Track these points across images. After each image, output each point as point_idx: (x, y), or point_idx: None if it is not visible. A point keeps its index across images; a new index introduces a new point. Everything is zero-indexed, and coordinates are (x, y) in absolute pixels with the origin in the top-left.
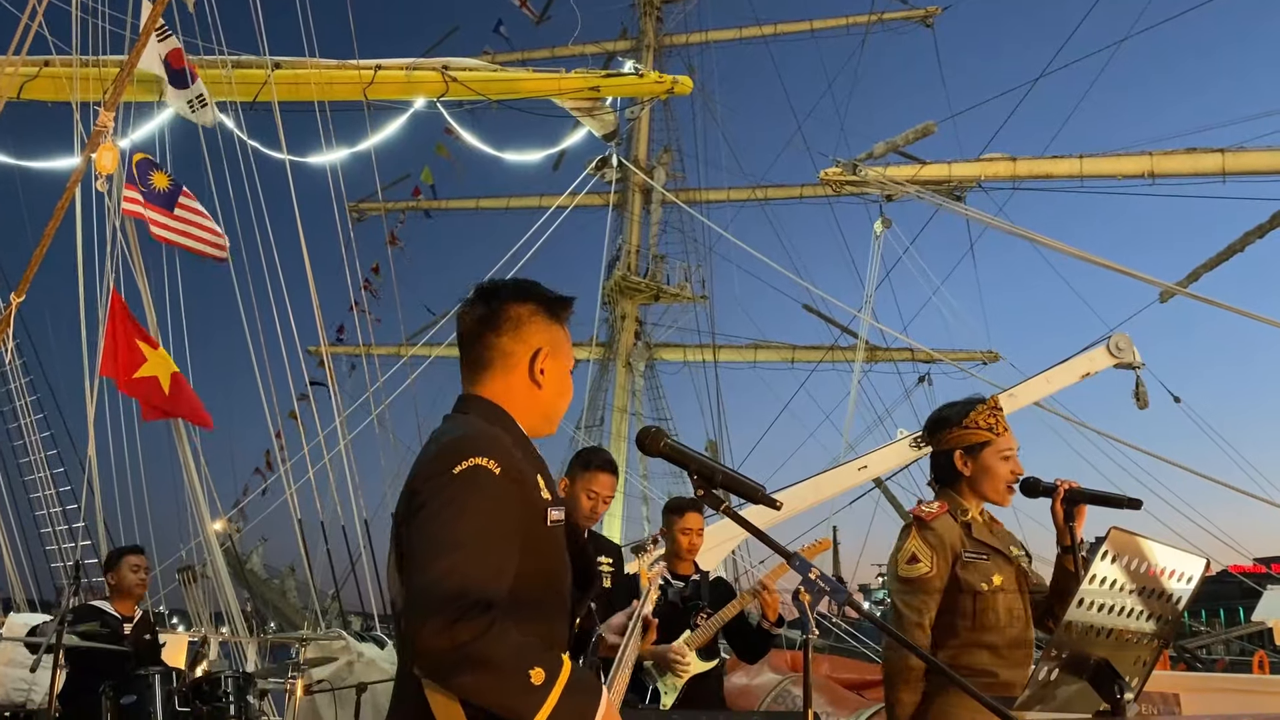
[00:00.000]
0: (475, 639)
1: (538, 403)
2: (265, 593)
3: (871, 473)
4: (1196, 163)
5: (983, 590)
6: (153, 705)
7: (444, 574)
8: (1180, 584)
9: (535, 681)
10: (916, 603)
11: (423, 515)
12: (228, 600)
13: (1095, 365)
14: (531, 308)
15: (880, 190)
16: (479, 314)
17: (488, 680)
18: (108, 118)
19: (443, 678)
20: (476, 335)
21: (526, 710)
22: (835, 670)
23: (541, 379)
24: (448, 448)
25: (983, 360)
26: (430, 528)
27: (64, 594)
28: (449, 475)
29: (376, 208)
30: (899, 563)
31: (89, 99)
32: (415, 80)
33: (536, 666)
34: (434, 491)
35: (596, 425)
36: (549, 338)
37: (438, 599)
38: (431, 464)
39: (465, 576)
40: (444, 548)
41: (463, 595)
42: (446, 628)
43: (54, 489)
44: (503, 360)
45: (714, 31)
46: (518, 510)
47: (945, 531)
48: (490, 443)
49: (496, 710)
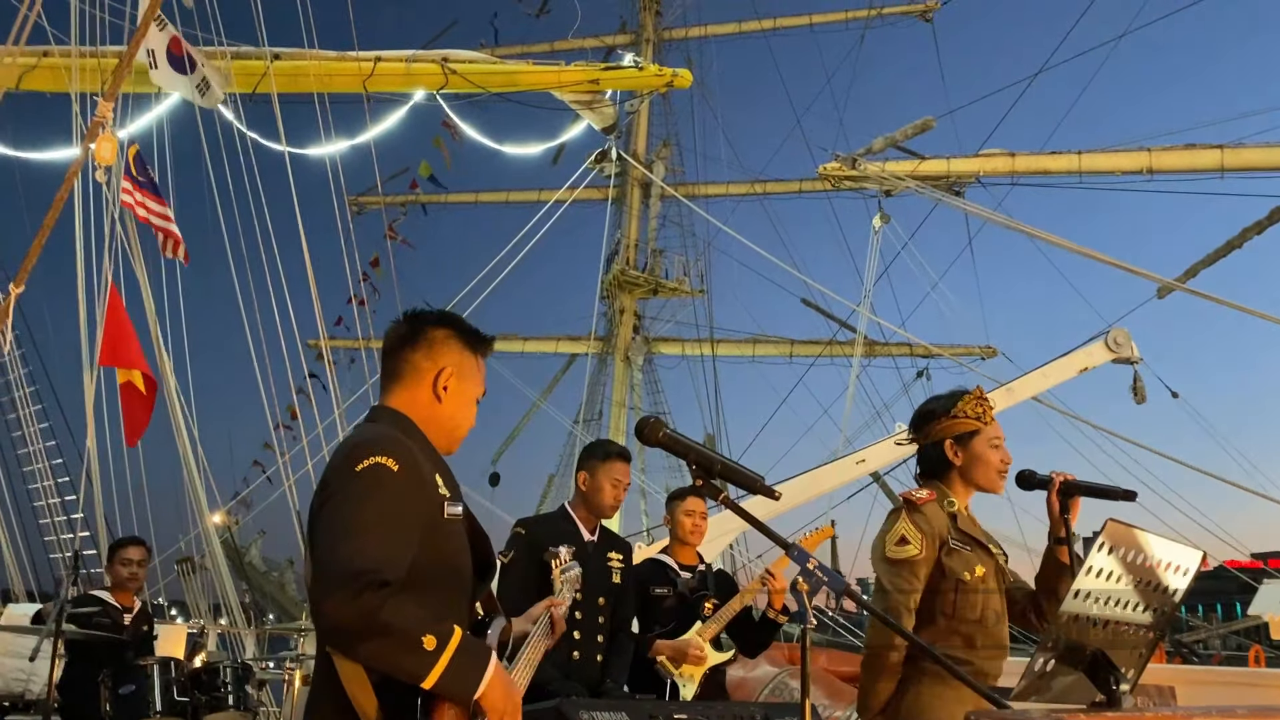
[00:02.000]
0: (374, 610)
1: (436, 416)
2: (264, 585)
3: (869, 467)
4: (1195, 159)
5: (965, 580)
6: (151, 695)
7: (347, 555)
8: (1177, 576)
9: (428, 647)
10: (903, 583)
11: (329, 506)
12: (226, 592)
13: (1093, 360)
14: (449, 332)
15: (879, 185)
16: (401, 333)
17: (385, 646)
18: (106, 108)
19: (346, 646)
20: (395, 350)
21: (420, 671)
22: (832, 663)
23: (443, 395)
24: (353, 448)
25: (981, 355)
26: (335, 516)
27: (63, 585)
28: (352, 472)
29: (376, 201)
30: (887, 544)
31: (88, 90)
32: (415, 72)
33: (429, 634)
34: (339, 486)
35: (595, 419)
36: (458, 360)
37: (341, 576)
38: (339, 463)
39: (365, 557)
40: (347, 533)
41: (364, 573)
42: (349, 600)
43: (53, 480)
44: (412, 374)
45: (713, 25)
46: (415, 503)
47: (934, 517)
48: (390, 443)
49: (394, 673)
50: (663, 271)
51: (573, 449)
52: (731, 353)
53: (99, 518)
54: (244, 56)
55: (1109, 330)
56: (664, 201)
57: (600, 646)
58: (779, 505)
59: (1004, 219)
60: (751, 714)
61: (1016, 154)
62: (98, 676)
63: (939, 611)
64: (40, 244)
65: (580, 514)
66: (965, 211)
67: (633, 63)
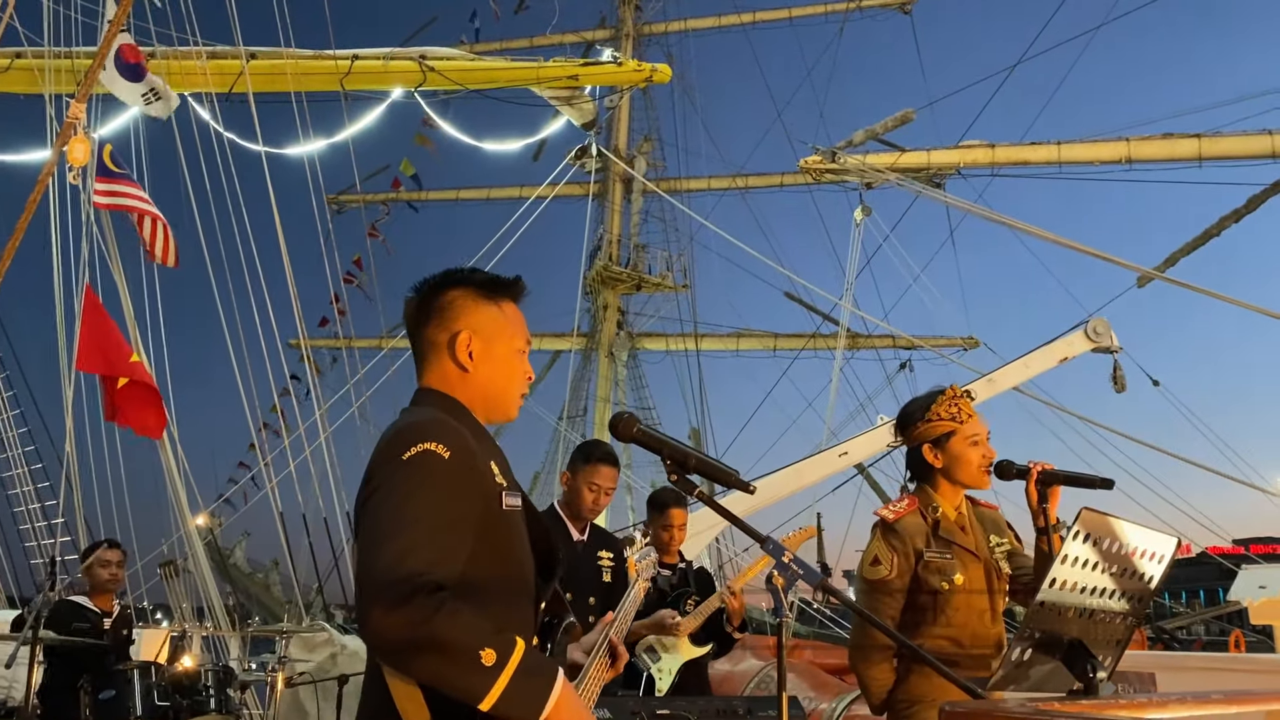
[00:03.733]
0: (426, 620)
1: (472, 386)
2: (249, 587)
3: (852, 459)
4: (1173, 148)
5: (943, 590)
6: (131, 700)
7: (394, 557)
8: (1153, 563)
9: (486, 662)
10: (877, 604)
11: (374, 500)
12: (209, 594)
13: (1073, 350)
14: (458, 292)
15: (860, 178)
16: (413, 308)
17: (438, 661)
18: (79, 109)
19: (395, 660)
20: (413, 329)
21: (478, 691)
22: (818, 656)
23: (470, 362)
24: (399, 435)
25: (963, 346)
26: (381, 512)
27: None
28: (399, 461)
29: (356, 200)
30: (863, 563)
31: (62, 91)
32: (392, 70)
33: (488, 647)
34: (385, 477)
35: (580, 416)
36: (477, 320)
37: (388, 582)
38: (384, 451)
39: (415, 559)
40: (394, 531)
41: (413, 577)
42: (396, 609)
43: (32, 485)
44: (432, 350)
45: (693, 20)
46: (469, 494)
47: (908, 531)
48: (439, 428)
49: (448, 691)
50: (646, 267)
51: (558, 446)
52: (715, 347)
53: (79, 522)
54: (220, 56)
55: (1089, 320)
56: (646, 197)
57: None
58: (762, 499)
59: (985, 210)
60: (735, 708)
61: (996, 145)
62: (77, 682)
63: (922, 621)
64: (14, 247)
65: (567, 512)
66: (946, 203)
67: (612, 58)
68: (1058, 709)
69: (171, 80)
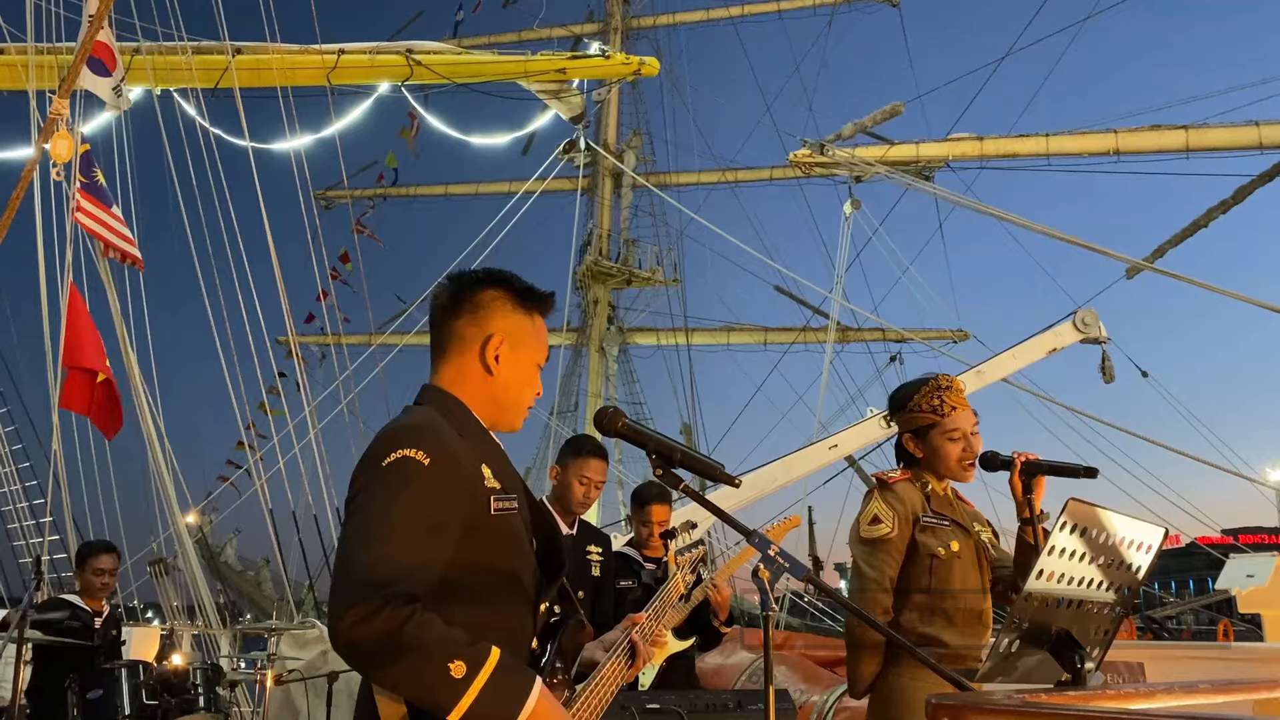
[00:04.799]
0: (394, 630)
1: (489, 391)
2: (240, 585)
3: (842, 451)
4: (1161, 140)
5: (940, 555)
6: (119, 699)
7: (367, 565)
8: (1140, 554)
9: (455, 675)
10: (878, 562)
11: (351, 507)
12: (200, 592)
13: (1062, 341)
14: (496, 294)
15: (849, 171)
16: (445, 299)
17: (406, 672)
18: (62, 105)
19: (364, 667)
20: (440, 320)
21: (445, 702)
22: (809, 648)
23: (495, 366)
24: (382, 440)
25: (953, 339)
26: (357, 519)
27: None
28: (378, 467)
29: (343, 195)
30: (861, 524)
31: (44, 87)
32: (379, 65)
33: (457, 659)
34: (365, 483)
35: (571, 411)
36: (510, 325)
37: (358, 589)
38: (366, 456)
39: (386, 567)
40: (368, 539)
41: (384, 585)
42: (366, 618)
43: (20, 484)
44: (457, 344)
45: (681, 13)
46: (450, 500)
47: (906, 495)
48: (421, 434)
49: (418, 702)
50: (636, 261)
51: (548, 442)
52: (706, 341)
53: (68, 520)
54: (205, 51)
55: (1077, 311)
56: (636, 191)
57: None
58: (752, 493)
59: (973, 203)
60: (725, 702)
61: (985, 138)
62: (65, 682)
63: (916, 587)
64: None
65: (556, 508)
66: (935, 196)
67: (599, 51)
68: (1045, 700)
69: (157, 76)
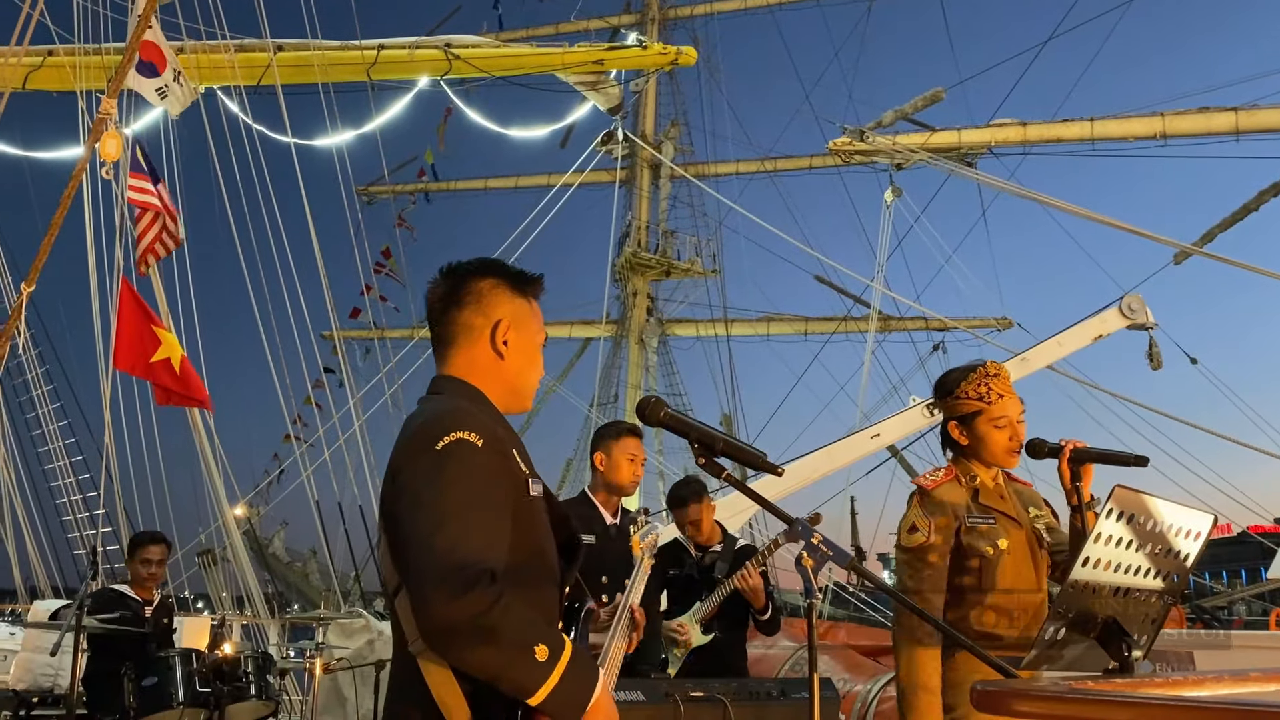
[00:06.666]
0: (485, 611)
1: (502, 375)
2: (288, 576)
3: (884, 441)
4: (1209, 122)
5: (988, 554)
6: (173, 686)
7: (446, 547)
8: (1189, 541)
9: (539, 658)
10: (917, 571)
11: (412, 493)
12: (248, 583)
13: (1108, 327)
14: (494, 281)
15: (890, 158)
16: (442, 291)
17: (493, 653)
18: (110, 105)
19: (451, 651)
20: (441, 312)
21: (529, 685)
22: (853, 638)
23: (505, 350)
24: (428, 425)
25: (997, 327)
26: (423, 505)
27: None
28: (433, 452)
29: (385, 190)
30: (901, 532)
31: (93, 87)
32: (418, 59)
33: (541, 643)
34: (420, 469)
35: (611, 403)
36: (512, 310)
37: (444, 572)
38: (413, 443)
39: (467, 548)
40: (441, 522)
41: (467, 567)
42: (455, 599)
43: (73, 477)
44: (465, 334)
45: (718, 2)
46: (504, 482)
47: (947, 498)
48: (468, 417)
49: (500, 684)
50: (674, 253)
51: (589, 433)
52: (746, 332)
53: (119, 512)
54: (248, 49)
55: (1123, 297)
56: (674, 182)
57: None
58: (794, 482)
59: (1017, 189)
60: (768, 690)
61: (1028, 123)
62: (120, 670)
63: (966, 588)
64: (50, 242)
65: (600, 497)
66: (978, 182)
67: (637, 42)
68: (1091, 687)
69: (200, 74)
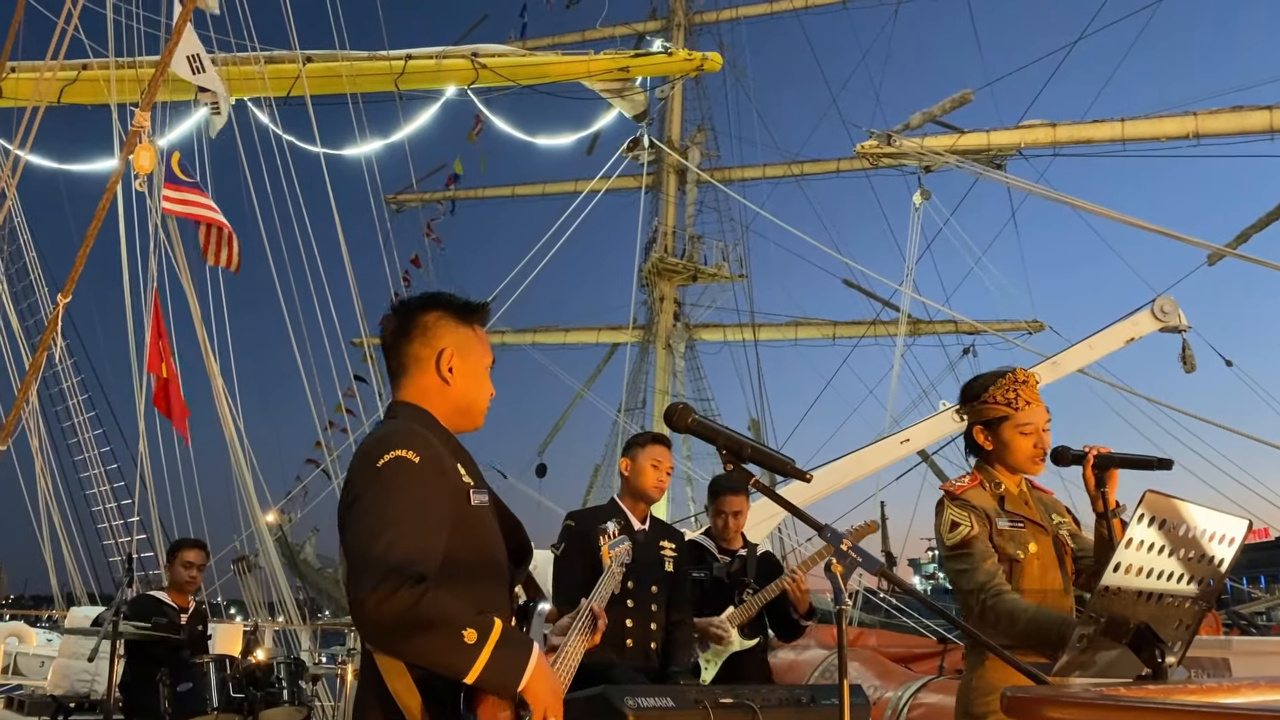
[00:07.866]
0: (412, 605)
1: (449, 398)
2: (320, 582)
3: (914, 446)
4: (1243, 121)
5: (1019, 558)
6: (208, 692)
7: (380, 551)
8: (1222, 546)
9: (468, 641)
10: (975, 564)
11: (357, 505)
12: (281, 589)
13: (1140, 330)
14: (438, 314)
15: (918, 161)
16: (393, 326)
17: (426, 641)
18: (144, 118)
19: (386, 643)
20: (392, 345)
21: (462, 666)
22: (883, 644)
23: (450, 376)
24: (372, 445)
25: (1028, 330)
26: (364, 514)
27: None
28: (374, 469)
29: (414, 199)
30: (943, 534)
31: (126, 100)
32: (445, 69)
33: (469, 627)
34: (364, 483)
35: (638, 408)
36: (456, 339)
37: (377, 573)
38: (360, 461)
39: (399, 552)
40: (378, 529)
41: (398, 569)
42: (386, 598)
43: (109, 485)
44: (415, 364)
45: (744, 7)
46: (439, 493)
47: (978, 499)
48: (412, 437)
49: (435, 669)
50: (701, 257)
51: (617, 438)
52: (773, 337)
53: (154, 520)
54: (277, 60)
55: (1155, 299)
56: (700, 187)
57: (654, 634)
58: (823, 488)
59: (1047, 191)
60: (798, 696)
61: (1058, 124)
62: (156, 675)
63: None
64: (85, 254)
65: (628, 503)
66: (1007, 185)
67: (662, 48)
68: (1124, 693)
69: (231, 86)
